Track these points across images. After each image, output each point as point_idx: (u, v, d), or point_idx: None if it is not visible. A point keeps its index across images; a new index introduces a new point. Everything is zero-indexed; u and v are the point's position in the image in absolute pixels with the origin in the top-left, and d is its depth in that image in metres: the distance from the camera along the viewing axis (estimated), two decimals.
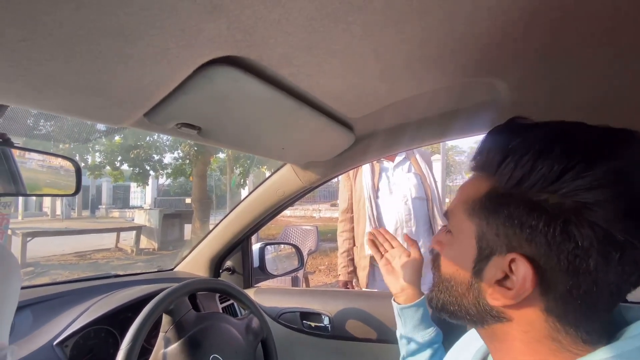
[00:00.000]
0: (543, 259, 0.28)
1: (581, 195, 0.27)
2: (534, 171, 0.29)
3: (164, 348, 0.68)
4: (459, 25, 0.37)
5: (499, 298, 0.30)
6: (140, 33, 0.31)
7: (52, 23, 0.28)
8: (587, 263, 0.27)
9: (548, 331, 0.30)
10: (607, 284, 0.27)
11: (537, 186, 0.28)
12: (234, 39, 0.35)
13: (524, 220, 0.29)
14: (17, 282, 0.50)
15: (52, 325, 0.74)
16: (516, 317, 0.31)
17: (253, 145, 0.73)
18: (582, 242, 0.27)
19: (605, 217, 0.26)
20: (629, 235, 0.26)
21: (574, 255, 0.27)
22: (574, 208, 0.27)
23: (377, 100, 0.59)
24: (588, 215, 0.27)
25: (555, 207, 0.28)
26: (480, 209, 0.32)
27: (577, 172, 0.27)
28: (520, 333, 0.31)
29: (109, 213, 16.20)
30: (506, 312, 0.31)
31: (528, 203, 0.29)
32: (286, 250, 1.44)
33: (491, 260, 0.31)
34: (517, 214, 0.29)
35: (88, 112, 0.44)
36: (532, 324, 0.30)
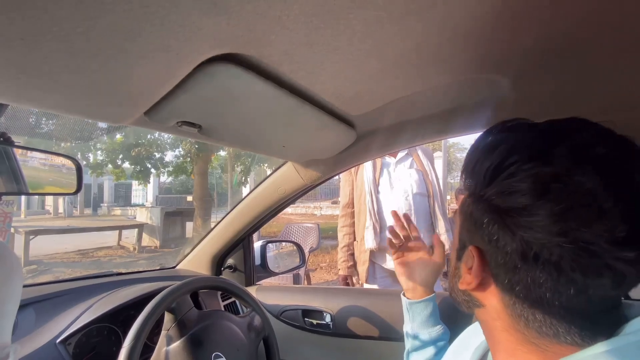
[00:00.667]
0: (487, 251, 0.32)
1: (507, 199, 0.29)
2: (474, 173, 0.32)
3: (166, 346, 0.68)
4: (461, 21, 0.37)
5: (464, 283, 0.35)
6: (140, 30, 0.31)
7: (50, 20, 0.28)
8: (514, 261, 0.29)
9: (511, 321, 0.32)
10: (539, 284, 0.28)
11: (480, 186, 0.31)
12: (235, 35, 0.35)
13: (476, 217, 0.33)
14: (19, 281, 0.50)
15: (55, 323, 0.74)
16: (486, 304, 0.34)
17: (254, 143, 0.72)
18: (506, 244, 0.29)
19: (523, 224, 0.28)
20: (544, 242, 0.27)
21: (504, 252, 0.30)
22: (502, 211, 0.29)
23: (379, 98, 0.58)
24: (510, 220, 0.29)
25: (494, 206, 0.30)
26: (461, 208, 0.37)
27: (508, 173, 0.29)
28: (493, 320, 0.34)
29: (111, 211, 16.28)
30: (478, 298, 0.35)
31: (479, 203, 0.32)
32: (287, 248, 1.44)
33: (465, 251, 0.35)
34: (474, 212, 0.33)
35: (88, 110, 0.44)
36: (497, 312, 0.33)
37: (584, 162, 0.27)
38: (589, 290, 0.27)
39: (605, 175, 0.26)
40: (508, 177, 0.29)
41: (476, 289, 0.34)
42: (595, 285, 0.27)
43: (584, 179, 0.26)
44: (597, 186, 0.26)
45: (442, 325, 0.70)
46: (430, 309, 0.69)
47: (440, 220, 1.60)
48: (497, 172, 0.30)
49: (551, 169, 0.27)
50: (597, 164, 0.27)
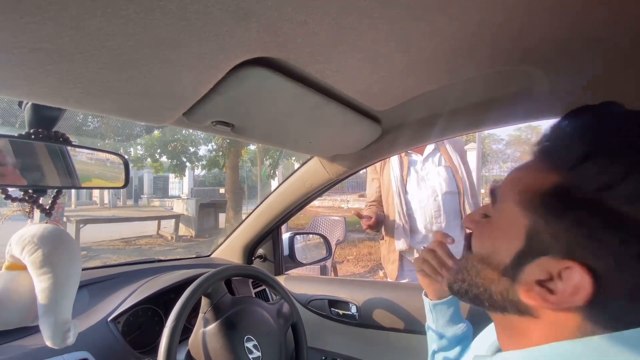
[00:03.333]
0: (606, 275, 0.25)
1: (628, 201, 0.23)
2: (624, 182, 0.24)
3: (203, 327, 0.74)
4: (490, 14, 0.36)
5: (537, 299, 0.28)
6: (180, 41, 0.34)
7: (104, 36, 0.32)
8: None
9: (575, 333, 0.28)
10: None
11: (623, 199, 0.24)
12: (263, 41, 0.37)
13: (595, 230, 0.25)
14: (79, 265, 0.57)
15: (106, 304, 0.83)
16: (545, 317, 0.29)
17: (282, 140, 0.75)
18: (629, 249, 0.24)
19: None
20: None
21: (623, 259, 0.24)
22: (624, 217, 0.23)
23: (404, 93, 0.58)
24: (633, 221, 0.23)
25: (637, 225, 0.24)
26: (539, 204, 0.29)
27: (626, 180, 0.24)
28: (542, 329, 0.29)
29: (151, 202, 17.26)
30: (537, 311, 0.29)
31: (606, 213, 0.25)
32: (314, 240, 1.47)
33: (539, 259, 0.28)
34: (589, 222, 0.25)
35: (135, 113, 0.49)
36: (560, 325, 0.28)
37: None
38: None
39: None
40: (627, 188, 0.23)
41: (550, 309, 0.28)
42: None
43: None
44: None
45: (466, 322, 0.68)
46: (453, 308, 0.67)
47: None
48: (621, 189, 0.24)
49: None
50: None
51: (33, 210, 0.56)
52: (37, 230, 0.54)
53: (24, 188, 0.54)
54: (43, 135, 0.53)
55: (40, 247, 0.52)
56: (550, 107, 0.60)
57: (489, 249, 0.34)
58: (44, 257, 0.52)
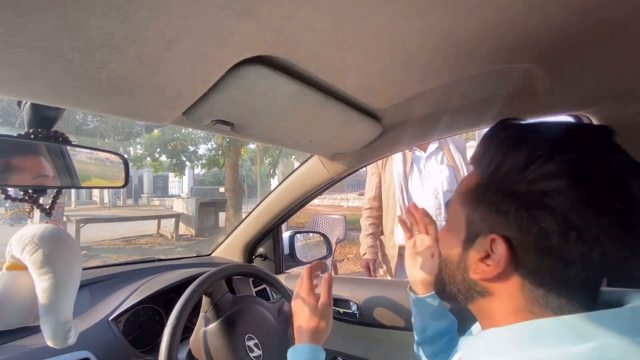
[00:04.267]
0: (515, 239, 0.32)
1: (542, 183, 0.31)
2: (504, 163, 0.33)
3: (204, 326, 0.74)
4: (491, 11, 0.36)
5: (479, 272, 0.35)
6: (180, 40, 0.34)
7: (103, 35, 0.32)
8: (550, 243, 0.30)
9: (525, 303, 0.34)
10: (571, 263, 0.31)
11: (509, 176, 0.33)
12: (263, 39, 0.37)
13: (500, 206, 0.33)
14: (79, 264, 0.57)
15: (107, 303, 0.83)
16: (497, 292, 0.35)
17: (282, 139, 0.75)
18: (545, 225, 0.30)
19: (564, 204, 0.30)
20: (585, 220, 0.29)
21: (539, 236, 0.31)
22: (538, 195, 0.31)
23: (405, 90, 0.58)
24: (549, 201, 0.30)
25: (523, 194, 0.32)
26: (470, 198, 0.37)
27: (539, 164, 0.31)
28: (501, 305, 0.35)
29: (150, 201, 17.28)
30: (488, 287, 0.36)
31: (503, 191, 0.33)
32: (315, 239, 1.47)
33: (477, 241, 0.36)
34: (496, 201, 0.34)
35: (134, 112, 0.49)
36: (511, 297, 0.34)
37: (603, 152, 0.31)
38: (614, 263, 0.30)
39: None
40: (544, 164, 0.31)
41: (492, 278, 0.34)
42: (619, 259, 0.30)
43: (610, 165, 0.30)
44: (621, 169, 0.30)
45: (450, 316, 0.70)
46: (437, 302, 0.68)
47: None
48: (531, 161, 0.31)
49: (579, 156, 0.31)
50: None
51: (33, 210, 0.56)
52: (38, 230, 0.54)
53: (24, 188, 0.54)
54: (42, 135, 0.53)
55: (41, 247, 0.52)
56: (550, 104, 0.59)
57: (448, 247, 0.41)
58: (45, 257, 0.52)
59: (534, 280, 0.33)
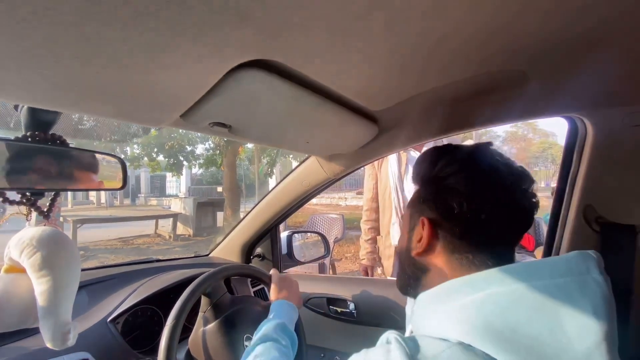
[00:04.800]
0: (435, 218, 0.44)
1: (445, 173, 0.44)
2: (422, 170, 0.48)
3: (203, 326, 0.74)
4: (484, 16, 0.37)
5: (415, 249, 0.46)
6: (177, 45, 0.34)
7: (101, 41, 0.32)
8: (455, 213, 0.41)
9: (452, 269, 0.42)
10: (471, 223, 0.41)
11: (425, 176, 0.47)
12: (260, 44, 0.38)
13: (424, 195, 0.46)
14: (78, 267, 0.57)
15: (105, 305, 0.83)
16: (431, 265, 0.45)
17: (279, 140, 0.75)
18: (450, 200, 0.42)
19: (457, 184, 0.42)
20: (468, 191, 0.41)
21: (448, 208, 0.42)
22: (444, 185, 0.43)
23: (400, 93, 0.59)
24: (449, 183, 0.43)
25: (434, 182, 0.45)
26: (411, 200, 0.50)
27: (444, 163, 0.45)
28: (437, 277, 0.43)
29: (148, 201, 17.21)
30: (424, 262, 0.45)
31: (424, 185, 0.47)
32: (313, 238, 1.48)
33: (415, 228, 0.47)
34: (423, 193, 0.47)
35: (132, 116, 0.49)
36: (440, 268, 0.43)
37: (474, 160, 0.44)
38: (498, 223, 0.42)
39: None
40: (446, 167, 0.44)
41: (425, 253, 0.45)
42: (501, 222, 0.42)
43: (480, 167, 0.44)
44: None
45: None
46: None
47: None
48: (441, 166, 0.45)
49: (463, 160, 0.44)
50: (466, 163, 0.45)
51: (31, 213, 0.56)
52: (36, 233, 0.54)
53: (22, 191, 0.54)
54: (40, 138, 0.53)
55: (39, 250, 0.52)
56: (545, 106, 0.60)
57: (400, 241, 0.52)
58: (43, 259, 0.52)
59: (452, 247, 0.43)
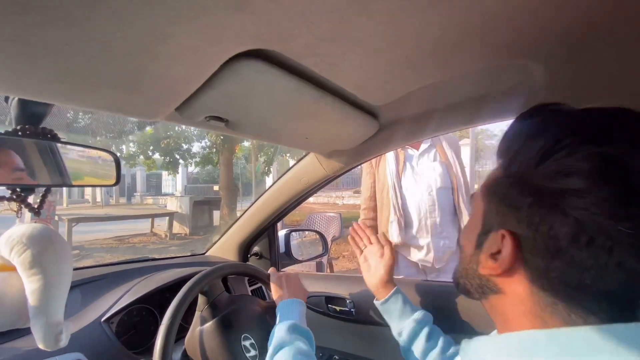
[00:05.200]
0: (524, 237, 0.30)
1: (560, 180, 0.27)
2: (519, 155, 0.31)
3: (200, 325, 0.73)
4: (490, 7, 0.36)
5: (487, 268, 0.33)
6: (171, 33, 0.33)
7: (92, 27, 0.30)
8: (559, 245, 0.28)
9: (535, 307, 0.31)
10: (583, 269, 0.27)
11: (523, 169, 0.30)
12: (259, 32, 0.36)
13: (513, 200, 0.31)
14: (70, 265, 0.56)
15: (99, 304, 0.81)
16: (507, 290, 0.33)
17: (278, 136, 0.74)
18: (557, 226, 0.27)
19: (580, 206, 0.26)
20: (601, 226, 0.26)
21: (549, 237, 0.28)
22: (552, 193, 0.28)
23: (402, 87, 0.58)
24: (562, 202, 0.27)
25: (538, 190, 0.29)
26: (489, 190, 0.35)
27: (560, 156, 0.28)
28: (512, 306, 0.33)
29: (144, 200, 17.12)
30: (498, 284, 0.34)
31: (517, 184, 0.31)
32: (310, 237, 1.47)
33: (490, 235, 0.34)
34: (510, 195, 0.32)
35: (125, 108, 0.47)
36: (520, 299, 0.32)
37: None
38: (634, 276, 0.26)
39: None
40: (565, 157, 0.27)
41: (500, 275, 0.33)
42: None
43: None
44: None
45: (420, 309, 0.72)
46: (401, 300, 0.72)
47: (465, 214, 1.56)
48: (550, 153, 0.28)
49: (613, 151, 0.26)
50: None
51: (21, 210, 0.54)
52: (26, 230, 0.52)
53: (11, 186, 0.53)
54: (30, 132, 0.52)
55: (30, 248, 0.51)
56: (548, 101, 0.59)
57: (466, 239, 0.39)
58: (34, 257, 0.51)
59: (542, 284, 0.30)
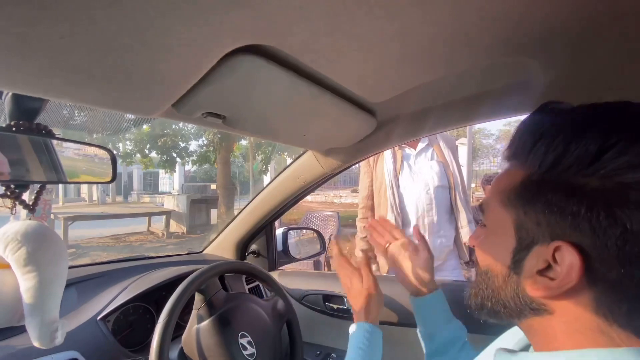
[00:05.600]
0: (590, 246, 0.26)
1: (623, 175, 0.25)
2: (567, 153, 0.27)
3: (197, 324, 0.72)
4: (487, 3, 0.35)
5: (541, 289, 0.29)
6: (168, 27, 0.32)
7: (87, 20, 0.30)
8: (637, 250, 0.25)
9: (597, 324, 0.28)
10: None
11: (573, 169, 0.27)
12: (256, 27, 0.36)
13: (564, 206, 0.27)
14: (65, 262, 0.55)
15: (95, 302, 0.81)
16: (558, 310, 0.29)
17: (275, 133, 0.74)
18: (631, 225, 0.24)
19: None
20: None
21: (623, 240, 0.25)
22: (617, 189, 0.25)
23: (400, 84, 0.57)
24: (634, 196, 0.25)
25: (596, 190, 0.26)
26: (516, 198, 0.31)
27: (617, 151, 0.25)
28: (562, 325, 0.29)
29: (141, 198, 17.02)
30: (547, 304, 0.30)
31: (566, 188, 0.27)
32: (308, 235, 1.47)
33: (532, 250, 0.30)
34: (556, 200, 0.28)
35: (120, 104, 0.47)
36: (576, 317, 0.28)
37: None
38: None
39: None
40: (620, 154, 0.25)
41: (557, 295, 0.28)
42: None
43: None
44: None
45: (457, 321, 0.67)
46: (441, 302, 0.66)
47: (462, 212, 1.56)
48: (603, 151, 0.26)
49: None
50: None
51: (16, 207, 0.53)
52: (21, 227, 0.52)
53: (5, 183, 0.52)
54: (24, 127, 0.51)
55: (24, 245, 0.50)
56: (545, 99, 0.59)
57: (490, 257, 0.35)
58: (28, 254, 0.50)
59: (613, 297, 0.27)
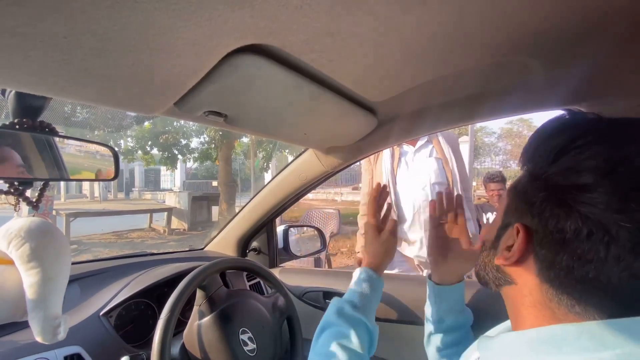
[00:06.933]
0: (536, 230, 0.32)
1: (570, 177, 0.30)
2: (538, 151, 0.34)
3: (198, 320, 0.73)
4: (488, 3, 0.36)
5: (501, 258, 0.36)
6: (170, 26, 0.33)
7: (89, 20, 0.30)
8: (565, 238, 0.30)
9: (543, 298, 0.33)
10: (586, 262, 0.29)
11: (539, 166, 0.33)
12: (258, 27, 0.36)
13: (529, 195, 0.34)
14: (68, 259, 0.56)
15: (97, 298, 0.81)
16: (519, 281, 0.35)
17: (276, 131, 0.74)
18: (562, 219, 0.30)
19: (585, 202, 0.28)
20: (602, 221, 0.28)
21: (556, 229, 0.30)
22: (564, 188, 0.30)
23: (401, 83, 0.57)
24: (569, 198, 0.29)
25: (550, 186, 0.31)
26: (513, 187, 0.38)
27: (572, 155, 0.30)
28: (523, 297, 0.35)
29: (142, 195, 17.09)
30: (511, 274, 0.36)
31: (535, 181, 0.33)
32: (309, 233, 1.47)
33: (508, 229, 0.37)
34: (528, 191, 0.34)
35: (123, 102, 0.47)
36: (530, 290, 0.34)
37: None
38: (633, 270, 0.28)
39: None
40: (575, 156, 0.30)
41: (512, 265, 0.35)
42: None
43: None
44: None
45: (467, 310, 0.68)
46: (458, 295, 0.66)
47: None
48: (564, 151, 0.31)
49: (620, 152, 0.28)
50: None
51: (19, 203, 0.54)
52: (24, 224, 0.52)
53: (9, 180, 0.53)
54: (28, 125, 0.51)
55: (27, 241, 0.51)
56: (546, 98, 0.60)
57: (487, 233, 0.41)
58: (32, 251, 0.51)
59: (549, 275, 0.32)
